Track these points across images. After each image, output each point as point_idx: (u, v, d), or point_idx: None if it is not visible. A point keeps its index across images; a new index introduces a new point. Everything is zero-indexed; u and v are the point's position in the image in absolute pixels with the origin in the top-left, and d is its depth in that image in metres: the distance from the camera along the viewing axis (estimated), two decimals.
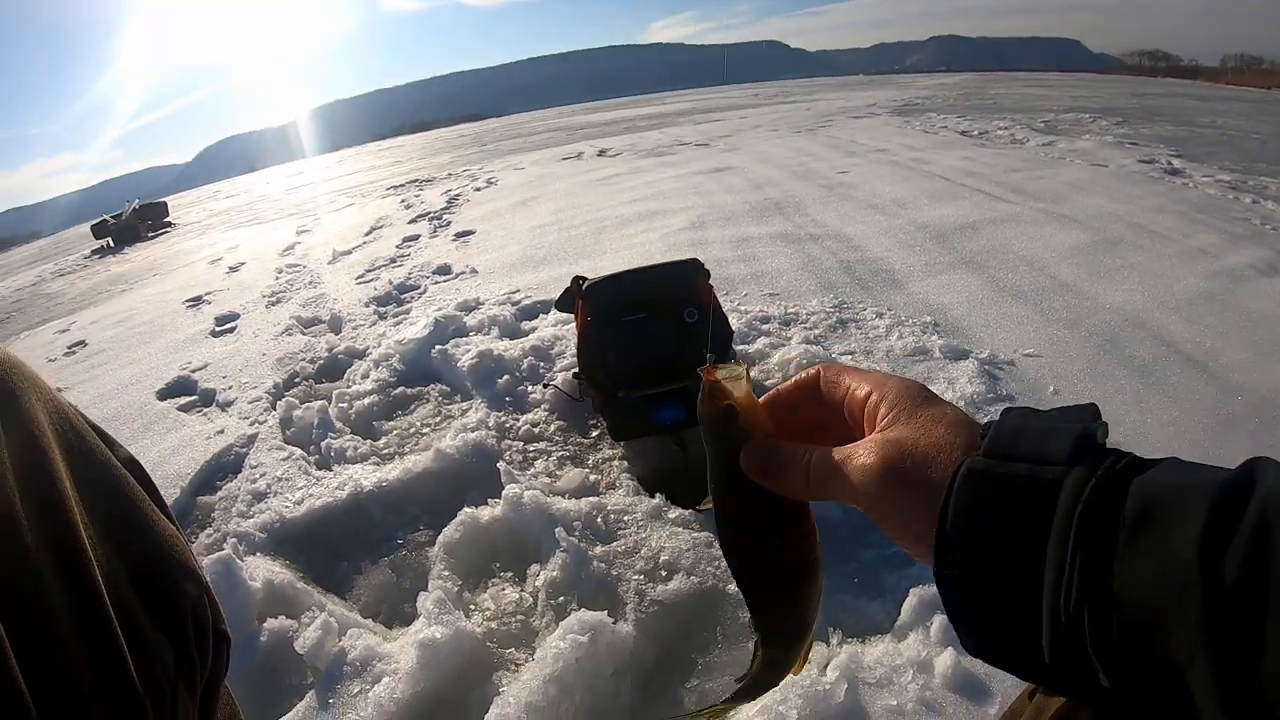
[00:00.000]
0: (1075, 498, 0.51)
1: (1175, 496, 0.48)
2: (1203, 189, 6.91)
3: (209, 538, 2.98)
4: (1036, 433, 0.57)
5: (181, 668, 0.75)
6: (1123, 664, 0.47)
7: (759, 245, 6.08)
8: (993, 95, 21.24)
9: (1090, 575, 0.48)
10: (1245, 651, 0.42)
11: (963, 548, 0.56)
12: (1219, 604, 0.43)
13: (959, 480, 0.56)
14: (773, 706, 1.83)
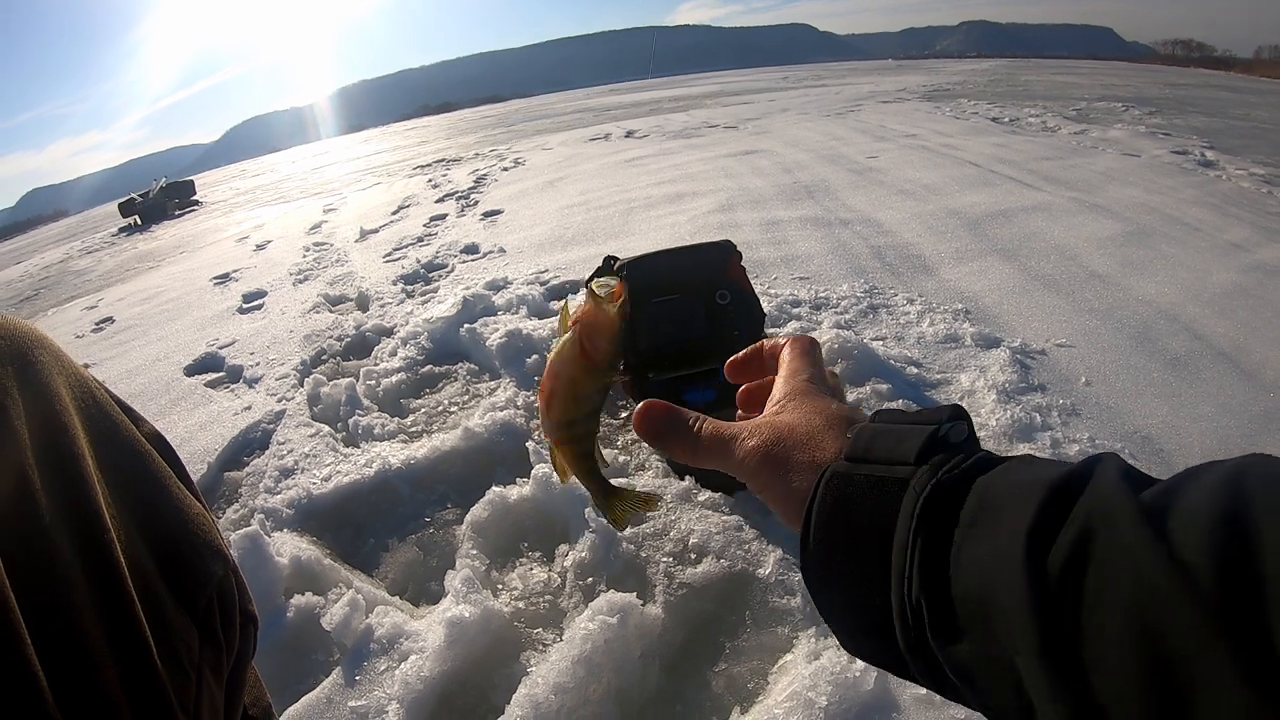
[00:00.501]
0: (916, 495, 0.54)
1: (1011, 492, 0.51)
2: (1236, 182, 6.81)
3: (236, 514, 2.99)
4: (892, 435, 0.61)
5: (206, 651, 0.74)
6: (958, 652, 0.50)
7: (789, 229, 6.04)
8: (1024, 82, 21.01)
9: (928, 568, 0.52)
10: (1066, 640, 0.44)
11: (823, 547, 0.60)
12: (1040, 594, 0.45)
13: (822, 484, 0.60)
14: (801, 693, 1.81)
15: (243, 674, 0.84)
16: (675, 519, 2.51)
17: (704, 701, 1.95)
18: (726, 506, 2.55)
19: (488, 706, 1.98)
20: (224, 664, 0.78)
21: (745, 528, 2.42)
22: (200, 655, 0.73)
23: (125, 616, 0.65)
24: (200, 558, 0.76)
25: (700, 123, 16.08)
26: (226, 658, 0.78)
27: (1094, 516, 0.46)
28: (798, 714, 1.77)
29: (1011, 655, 0.46)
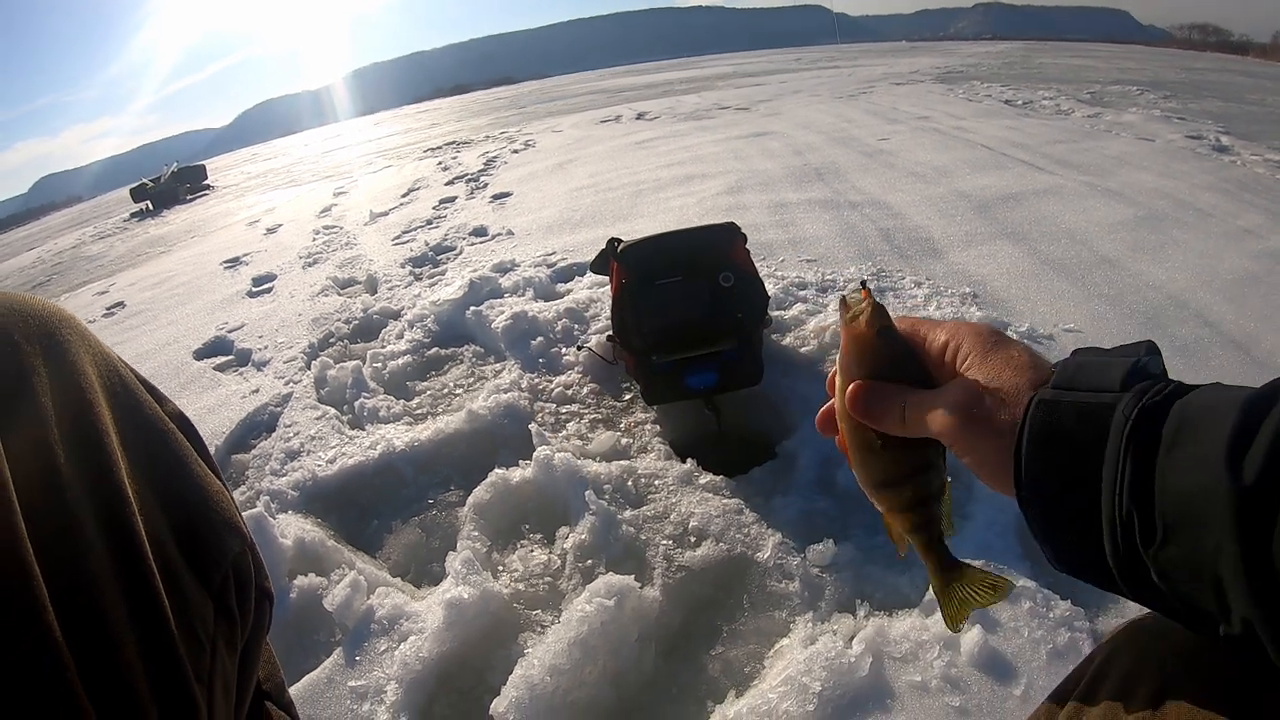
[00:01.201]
0: (1125, 418, 0.60)
1: (1208, 411, 0.56)
2: (1251, 168, 6.73)
3: (242, 495, 3.01)
4: (1096, 367, 0.67)
5: (221, 624, 0.75)
6: (1164, 557, 0.56)
7: (797, 211, 6.01)
8: (1038, 64, 20.82)
9: (1136, 481, 0.57)
10: (1266, 538, 0.49)
11: (1035, 468, 0.65)
12: (1242, 497, 0.50)
13: (1031, 410, 0.66)
14: (796, 678, 1.81)
15: (257, 648, 0.86)
16: (675, 502, 2.52)
17: (700, 685, 1.96)
18: (727, 490, 2.56)
19: (485, 687, 1.99)
20: (238, 637, 0.80)
21: (745, 511, 2.43)
22: (215, 628, 0.75)
23: (145, 589, 0.66)
24: (218, 534, 0.77)
25: (712, 104, 16.02)
26: (240, 631, 0.80)
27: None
28: (792, 698, 1.77)
29: (1214, 556, 0.52)
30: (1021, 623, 1.92)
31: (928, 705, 1.77)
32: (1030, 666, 1.82)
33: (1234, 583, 0.50)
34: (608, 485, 2.58)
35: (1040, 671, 1.79)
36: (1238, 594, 0.50)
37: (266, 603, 0.86)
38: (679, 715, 1.90)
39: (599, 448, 2.93)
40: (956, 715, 1.74)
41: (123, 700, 0.62)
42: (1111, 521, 0.59)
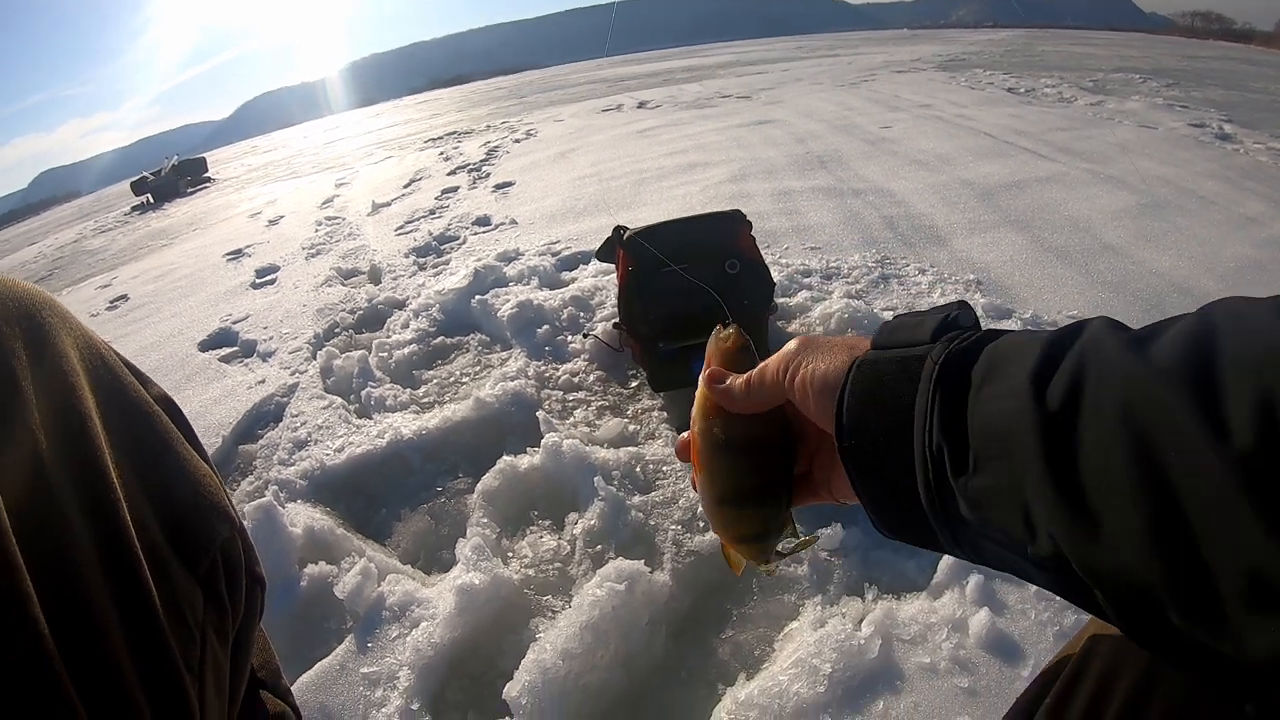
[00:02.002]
0: (934, 362, 0.62)
1: (1015, 349, 0.58)
2: (1253, 156, 6.71)
3: (250, 485, 3.02)
4: (909, 325, 0.69)
5: (211, 612, 0.74)
6: (975, 485, 0.56)
7: (801, 199, 6.01)
8: (1040, 52, 20.76)
9: (945, 417, 0.59)
10: (1068, 455, 0.50)
11: (854, 421, 0.67)
12: (1046, 420, 0.52)
13: (851, 372, 0.69)
14: (806, 660, 1.83)
15: (249, 636, 0.84)
16: (684, 487, 2.53)
17: (710, 668, 1.97)
18: None
19: (496, 672, 2.00)
20: (229, 625, 0.78)
21: None
22: (204, 616, 0.73)
23: (131, 576, 0.65)
24: (205, 519, 0.76)
25: (713, 93, 15.98)
26: (232, 619, 0.78)
27: (1087, 351, 0.53)
28: (802, 680, 1.78)
29: (1022, 480, 0.53)
30: (1028, 605, 1.93)
31: (936, 686, 1.78)
32: (1038, 648, 1.83)
33: (1040, 501, 0.51)
34: (616, 471, 2.59)
35: (1047, 653, 1.80)
36: (1043, 511, 0.51)
37: (258, 589, 0.86)
38: (690, 698, 1.91)
39: (607, 434, 2.94)
40: (965, 696, 1.75)
41: (110, 692, 0.61)
42: (923, 458, 0.60)
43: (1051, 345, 0.55)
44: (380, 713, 1.89)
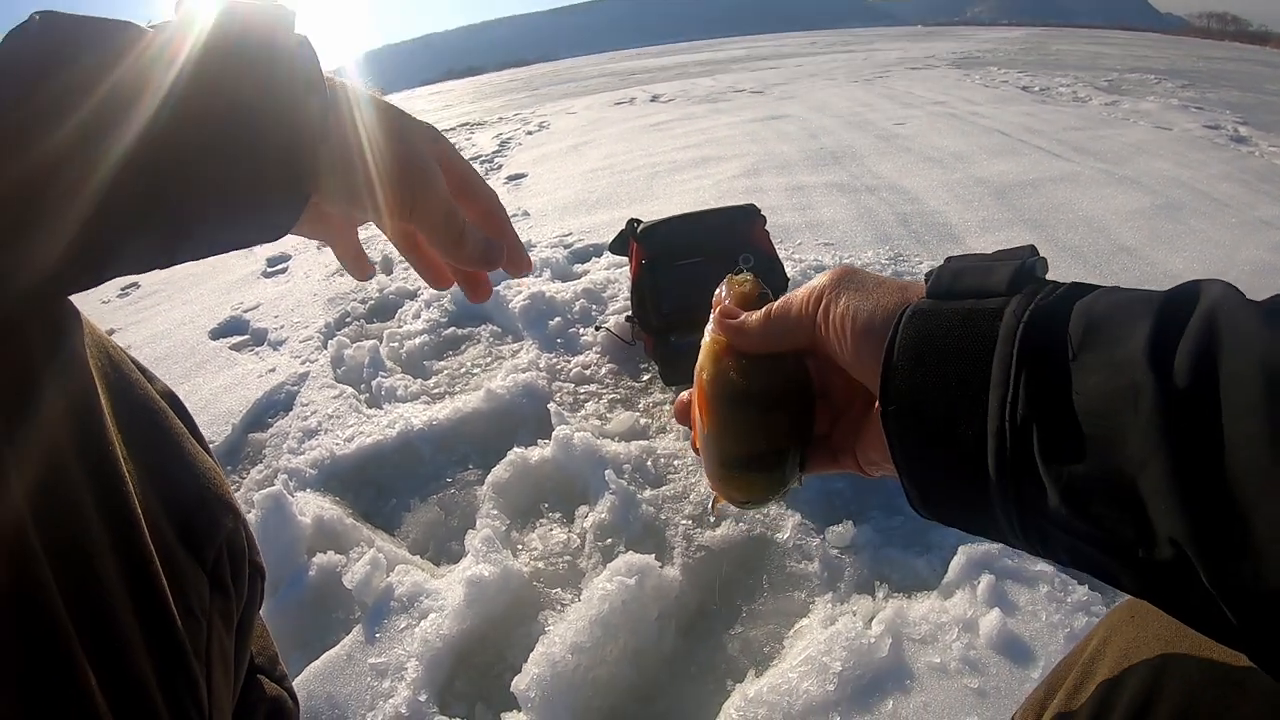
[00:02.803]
0: (1016, 319, 0.52)
1: (1120, 311, 0.49)
2: (1269, 159, 6.67)
3: (260, 474, 3.02)
4: (976, 271, 0.59)
5: (216, 600, 0.76)
6: (1074, 472, 0.47)
7: (814, 194, 6.00)
8: (1055, 51, 20.65)
9: (1037, 389, 0.49)
10: (1201, 447, 0.42)
11: (906, 380, 0.57)
12: (1172, 402, 0.43)
13: (903, 321, 0.58)
14: (816, 658, 1.82)
15: (250, 623, 0.86)
16: (695, 482, 2.52)
17: (719, 664, 1.97)
18: None
19: (505, 665, 2.00)
20: (233, 613, 0.80)
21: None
22: (210, 604, 0.75)
23: (143, 566, 0.66)
24: (211, 512, 0.77)
25: (726, 87, 15.94)
26: (235, 607, 0.81)
27: (1217, 318, 0.45)
28: (812, 678, 1.78)
29: (1138, 470, 0.44)
30: (1039, 606, 1.92)
31: (946, 686, 1.77)
32: (1048, 650, 1.82)
33: (1162, 499, 0.43)
34: (627, 465, 2.58)
35: (1057, 655, 1.79)
36: (1165, 511, 0.43)
37: (259, 578, 0.87)
38: (699, 693, 1.91)
39: (618, 428, 2.94)
40: (975, 697, 1.74)
41: (125, 677, 0.63)
42: (1001, 435, 0.51)
43: (1167, 307, 0.47)
44: (388, 703, 1.89)
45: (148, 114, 0.55)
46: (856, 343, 0.62)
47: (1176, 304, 0.47)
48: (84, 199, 0.52)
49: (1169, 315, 0.46)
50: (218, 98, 0.58)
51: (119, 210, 0.55)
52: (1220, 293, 0.47)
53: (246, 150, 0.60)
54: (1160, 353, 0.44)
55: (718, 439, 0.71)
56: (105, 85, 0.54)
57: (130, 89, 0.55)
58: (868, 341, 0.61)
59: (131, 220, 0.56)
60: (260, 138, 0.60)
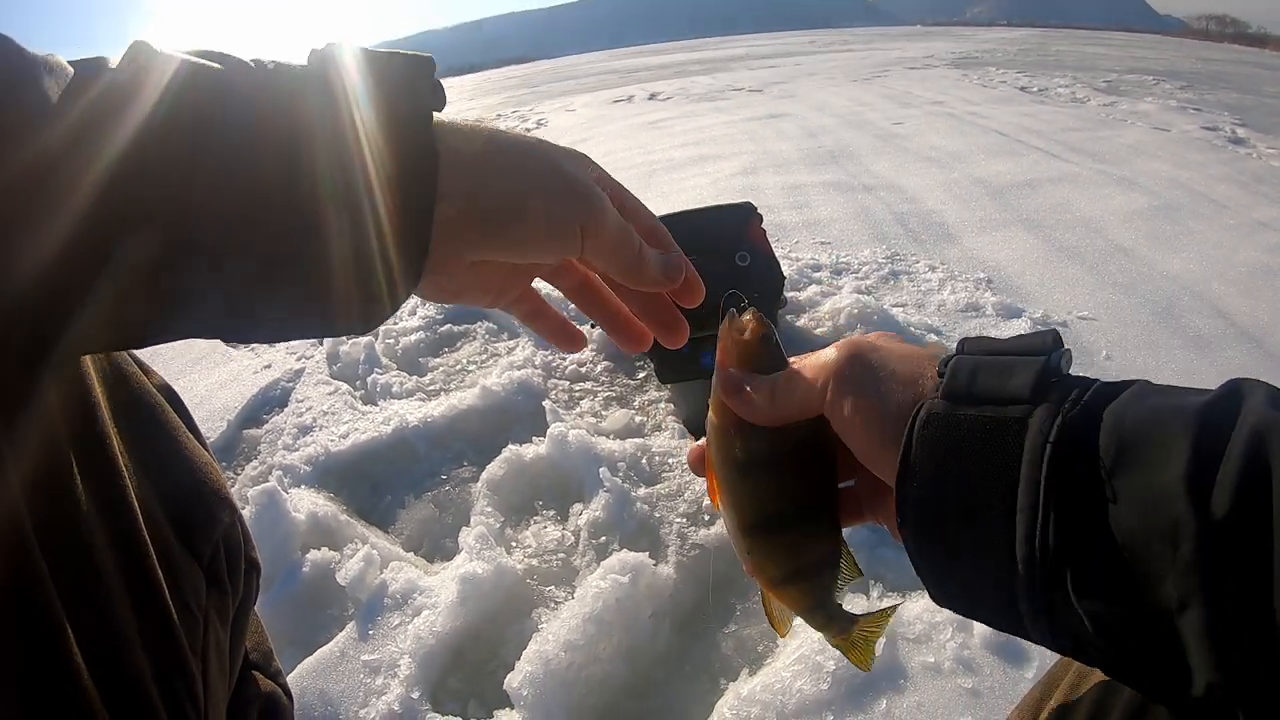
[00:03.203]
0: (1044, 436, 0.48)
1: (1154, 426, 0.45)
2: (1267, 160, 6.68)
3: (255, 470, 3.01)
4: (994, 370, 0.54)
5: (213, 596, 0.75)
6: (1104, 611, 0.44)
7: (811, 193, 5.99)
8: (1054, 52, 20.67)
9: (1069, 521, 0.46)
10: (1245, 590, 0.39)
11: (923, 498, 0.53)
12: (1213, 540, 0.39)
13: (918, 425, 0.54)
14: (810, 657, 1.81)
15: (245, 619, 0.86)
16: (689, 480, 2.52)
17: (713, 662, 1.97)
18: None
19: (498, 662, 2.00)
20: (229, 608, 0.80)
21: None
22: (206, 600, 0.74)
23: (140, 561, 0.66)
24: (208, 506, 0.77)
25: (725, 85, 15.93)
26: (231, 602, 0.80)
27: (1264, 446, 0.40)
28: (805, 677, 1.78)
29: (1174, 612, 0.41)
30: None
31: (940, 686, 1.77)
32: (1042, 650, 1.79)
33: (1201, 644, 0.40)
34: (622, 463, 2.58)
35: (1052, 655, 1.77)
36: (1205, 658, 0.40)
37: (254, 573, 0.87)
38: (692, 692, 1.90)
39: (613, 425, 2.93)
40: (969, 697, 1.74)
41: (123, 673, 0.62)
42: (1029, 563, 0.47)
43: (1206, 423, 0.43)
44: (381, 700, 1.88)
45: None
46: (868, 441, 0.59)
47: (1216, 419, 0.43)
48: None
49: (1208, 435, 0.42)
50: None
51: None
52: (1264, 404, 0.43)
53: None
54: (1198, 481, 0.41)
55: (735, 508, 0.68)
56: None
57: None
58: (881, 442, 0.58)
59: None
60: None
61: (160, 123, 0.48)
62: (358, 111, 0.55)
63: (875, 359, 0.61)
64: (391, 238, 0.56)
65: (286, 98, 0.54)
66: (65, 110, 0.47)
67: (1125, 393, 0.49)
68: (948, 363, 0.57)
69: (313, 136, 0.53)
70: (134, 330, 0.52)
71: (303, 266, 0.54)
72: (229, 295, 0.53)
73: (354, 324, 0.59)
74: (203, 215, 0.49)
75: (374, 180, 0.54)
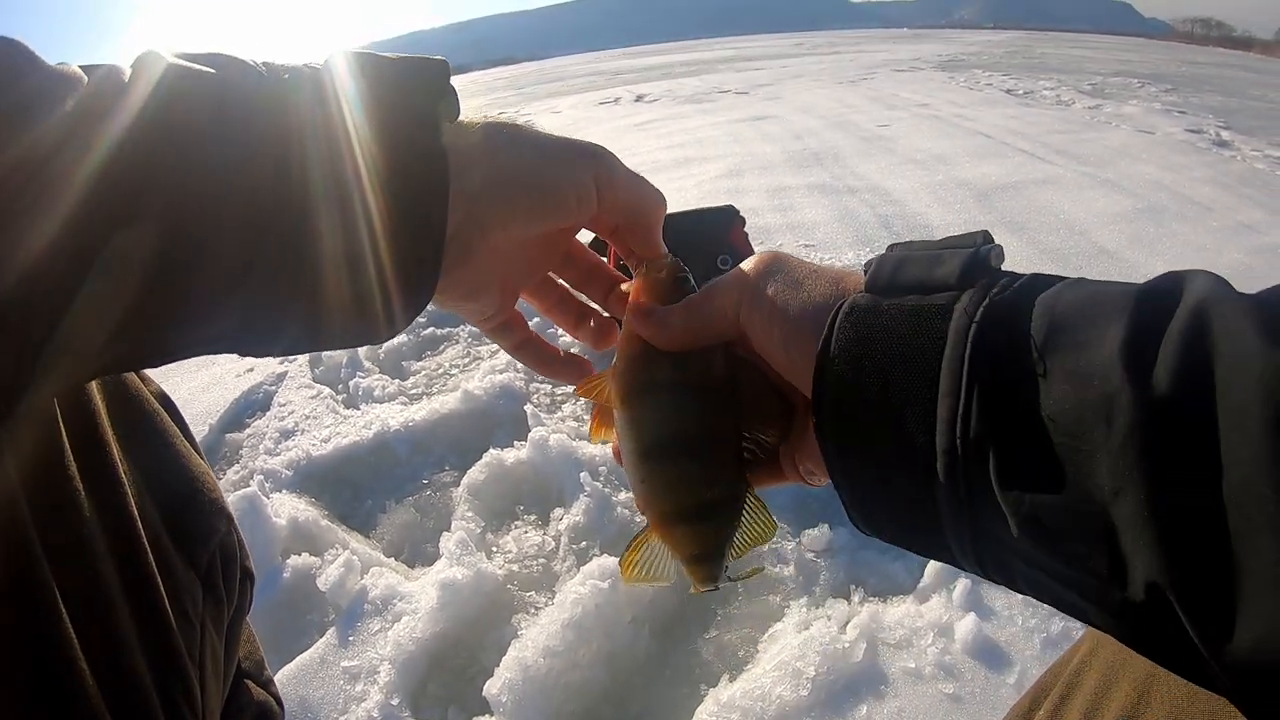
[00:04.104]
0: (968, 318, 0.46)
1: (1089, 307, 0.42)
2: (1250, 163, 6.72)
3: (236, 474, 3.00)
4: (922, 261, 0.52)
5: (209, 604, 0.76)
6: (1034, 502, 0.41)
7: (796, 195, 6.00)
8: (1040, 54, 20.77)
9: (993, 401, 0.43)
10: (1185, 470, 0.35)
11: (842, 391, 0.50)
12: (1153, 417, 0.36)
13: (838, 319, 0.52)
14: (790, 663, 1.81)
15: (239, 628, 0.87)
16: None
17: (694, 668, 1.96)
18: None
19: (478, 668, 1.99)
20: (224, 617, 0.80)
21: None
22: (203, 608, 0.75)
23: (139, 569, 0.66)
24: (205, 514, 0.77)
25: (712, 88, 15.95)
26: (226, 611, 0.80)
27: (1206, 318, 0.38)
28: (786, 683, 1.77)
29: (1109, 498, 0.38)
30: (1015, 611, 1.92)
31: (921, 692, 1.77)
32: (1024, 655, 1.82)
33: (1138, 532, 0.36)
34: (603, 467, 2.57)
35: (1033, 660, 1.80)
36: (1142, 547, 0.36)
37: (249, 582, 0.88)
38: (672, 698, 1.90)
39: None
40: (950, 703, 1.74)
41: (123, 678, 0.62)
42: (951, 454, 0.44)
43: (1144, 303, 0.41)
44: (360, 707, 1.87)
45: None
46: (785, 341, 0.56)
47: (1155, 299, 0.41)
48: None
49: (1147, 312, 0.40)
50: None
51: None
52: (1207, 286, 0.41)
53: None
54: (1137, 358, 0.38)
55: (633, 436, 0.64)
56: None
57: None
58: (798, 341, 0.55)
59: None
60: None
61: (150, 123, 0.48)
62: (350, 118, 0.55)
63: (792, 265, 0.59)
64: (404, 238, 0.56)
65: (279, 102, 0.53)
66: (57, 109, 0.47)
67: (1060, 284, 0.47)
68: (872, 263, 0.55)
69: (304, 139, 0.53)
70: (136, 339, 0.51)
71: (304, 274, 0.53)
72: (229, 301, 0.52)
73: (379, 328, 0.59)
74: (196, 216, 0.49)
75: (376, 185, 0.54)
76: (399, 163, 0.55)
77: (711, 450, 0.64)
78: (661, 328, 0.63)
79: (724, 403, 0.63)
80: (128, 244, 0.46)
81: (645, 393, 0.64)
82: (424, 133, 0.56)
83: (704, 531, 0.66)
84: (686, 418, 0.63)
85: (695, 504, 0.65)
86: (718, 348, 0.63)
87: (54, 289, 0.45)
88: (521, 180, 0.61)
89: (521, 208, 0.61)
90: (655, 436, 0.64)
